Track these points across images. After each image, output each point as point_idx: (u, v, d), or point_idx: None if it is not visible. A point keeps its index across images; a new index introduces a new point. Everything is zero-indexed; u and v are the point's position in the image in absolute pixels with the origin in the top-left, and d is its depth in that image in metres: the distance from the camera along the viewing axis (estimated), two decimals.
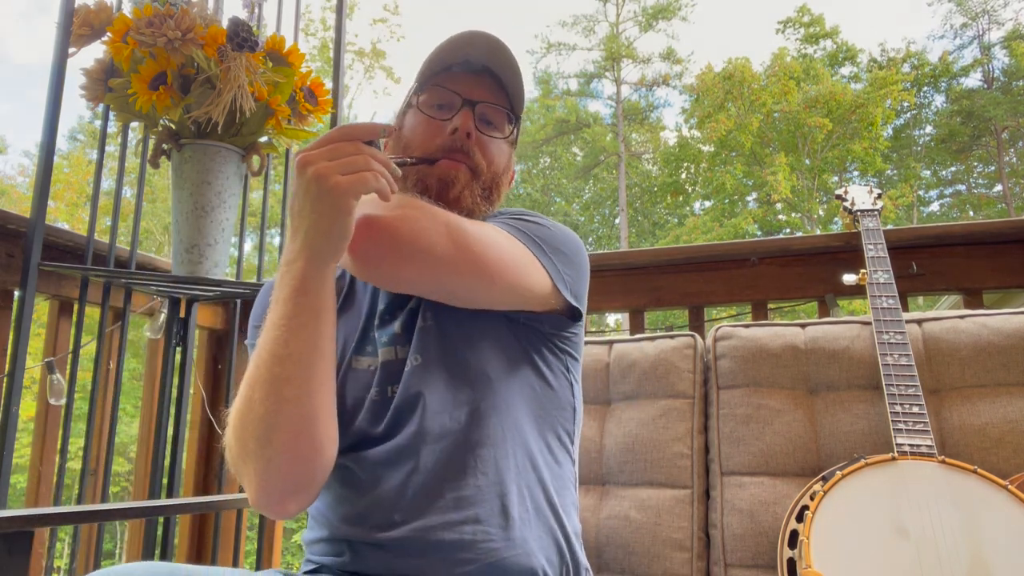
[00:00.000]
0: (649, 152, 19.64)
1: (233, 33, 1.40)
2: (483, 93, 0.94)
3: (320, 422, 0.77)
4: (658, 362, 1.38)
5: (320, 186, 0.70)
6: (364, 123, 0.74)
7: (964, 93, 17.04)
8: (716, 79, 17.28)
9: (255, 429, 0.74)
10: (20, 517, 0.93)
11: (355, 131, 0.73)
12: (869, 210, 1.51)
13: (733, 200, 17.62)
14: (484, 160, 0.92)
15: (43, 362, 1.57)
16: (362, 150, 0.72)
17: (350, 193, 0.70)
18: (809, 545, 0.99)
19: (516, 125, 0.99)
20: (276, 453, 0.74)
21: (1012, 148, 17.30)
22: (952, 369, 1.22)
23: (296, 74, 1.56)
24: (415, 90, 0.97)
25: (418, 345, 0.87)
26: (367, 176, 0.71)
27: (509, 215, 0.96)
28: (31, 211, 1.42)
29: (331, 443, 0.79)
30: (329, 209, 0.71)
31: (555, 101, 19.84)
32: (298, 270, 0.73)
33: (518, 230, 0.89)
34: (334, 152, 0.71)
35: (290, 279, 0.74)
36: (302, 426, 0.74)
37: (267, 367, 0.74)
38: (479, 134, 0.92)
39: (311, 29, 16.21)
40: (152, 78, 1.42)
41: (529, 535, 0.82)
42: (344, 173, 0.70)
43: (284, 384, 0.73)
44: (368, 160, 0.71)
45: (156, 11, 1.41)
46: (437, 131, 0.92)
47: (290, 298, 0.74)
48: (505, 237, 0.86)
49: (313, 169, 0.70)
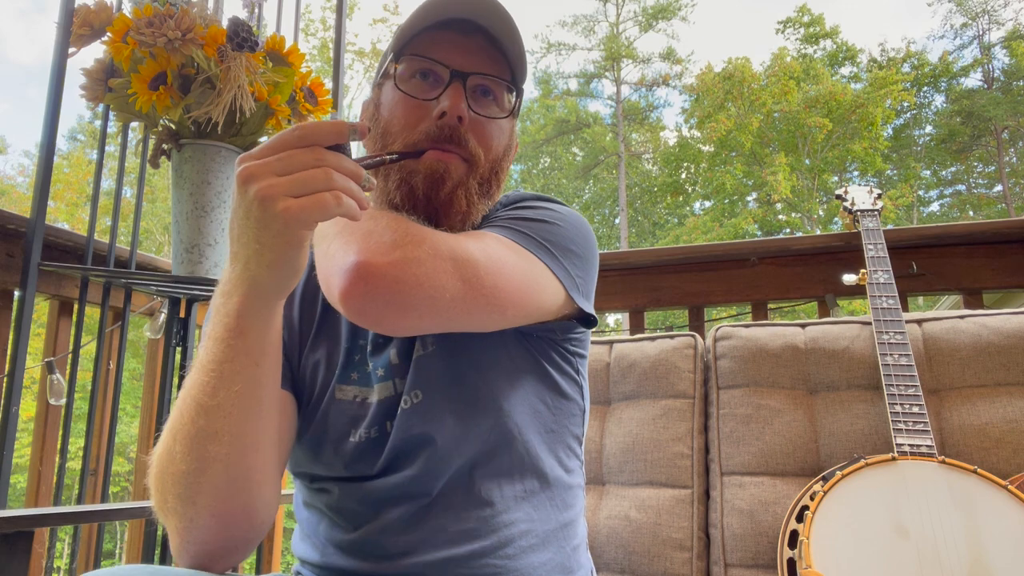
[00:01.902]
0: (649, 152, 19.64)
1: (233, 33, 1.40)
2: (477, 61, 0.77)
3: (253, 485, 0.65)
4: (658, 362, 1.38)
5: (265, 211, 0.55)
6: (327, 122, 0.58)
7: (964, 93, 17.04)
8: (716, 79, 17.28)
9: (175, 486, 0.63)
10: (20, 517, 0.93)
11: (314, 134, 0.57)
12: (869, 210, 1.51)
13: (733, 200, 17.62)
14: (481, 147, 0.77)
15: (43, 362, 1.57)
16: (323, 160, 0.56)
17: (302, 222, 0.56)
18: (809, 545, 0.99)
19: (518, 96, 0.82)
20: (199, 515, 0.64)
21: (1012, 148, 17.30)
22: (952, 369, 1.22)
23: (296, 74, 1.55)
24: (392, 57, 0.78)
25: (418, 379, 0.76)
26: (326, 199, 0.55)
27: (512, 208, 0.83)
28: (31, 211, 1.42)
29: (267, 507, 0.69)
30: (275, 240, 0.57)
31: (555, 101, 19.84)
32: (234, 307, 0.60)
33: (524, 235, 0.77)
34: (286, 163, 0.56)
35: (224, 316, 0.61)
36: (230, 490, 0.63)
37: (191, 419, 0.62)
38: (474, 114, 0.76)
39: (311, 29, 16.21)
40: (152, 78, 1.42)
41: (536, 560, 0.77)
42: (297, 194, 0.55)
43: (209, 440, 0.61)
44: (329, 176, 0.55)
45: (156, 11, 1.41)
46: (421, 114, 0.76)
47: (223, 339, 0.61)
48: (513, 252, 0.73)
49: (257, 188, 0.55)
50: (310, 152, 0.56)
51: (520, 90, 0.82)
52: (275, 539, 1.85)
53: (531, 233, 0.77)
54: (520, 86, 0.81)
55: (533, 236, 0.77)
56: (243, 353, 0.61)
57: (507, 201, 0.86)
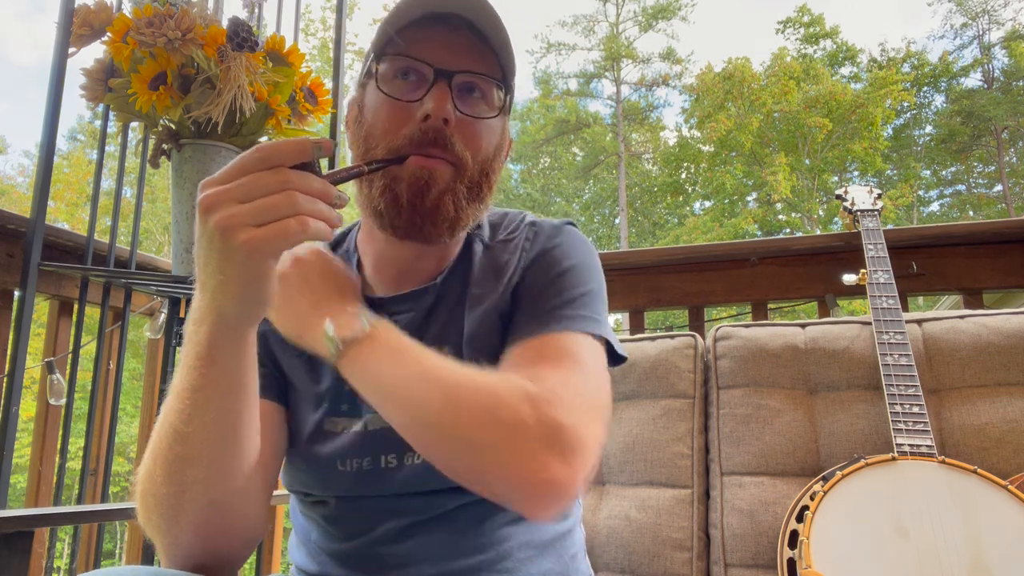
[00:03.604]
0: (649, 152, 19.65)
1: (233, 33, 1.40)
2: (463, 59, 0.72)
3: (236, 505, 0.66)
4: (658, 362, 1.38)
5: (226, 242, 0.53)
6: (289, 141, 0.55)
7: (964, 93, 17.05)
8: (716, 79, 17.29)
9: (158, 507, 0.63)
10: (20, 517, 0.93)
11: (276, 154, 0.54)
12: (869, 210, 1.51)
13: (733, 200, 17.63)
14: (469, 149, 0.72)
15: (43, 362, 1.57)
16: (287, 183, 0.54)
17: (266, 253, 0.54)
18: (809, 545, 0.99)
19: (509, 93, 0.78)
20: (183, 533, 0.64)
21: (1012, 148, 17.30)
22: (952, 369, 1.22)
23: (296, 74, 1.56)
24: (374, 56, 0.75)
25: None
26: (290, 227, 0.53)
27: (540, 268, 0.78)
28: (31, 211, 1.42)
29: (255, 523, 0.69)
30: (239, 272, 0.55)
31: (555, 101, 19.85)
32: (204, 336, 0.58)
33: (578, 319, 0.73)
34: (247, 189, 0.53)
35: (195, 344, 0.59)
36: (212, 511, 0.63)
37: (168, 445, 0.61)
38: (461, 115, 0.72)
39: (311, 29, 16.21)
40: (152, 78, 1.42)
41: (535, 571, 0.76)
42: (259, 223, 0.53)
43: (187, 466, 0.61)
44: (293, 200, 0.53)
45: (156, 11, 1.41)
46: (405, 116, 0.71)
47: (195, 367, 0.59)
48: (600, 362, 0.72)
49: (217, 218, 0.53)
50: (273, 175, 0.54)
51: (510, 86, 0.77)
52: (275, 540, 1.85)
53: (585, 315, 0.74)
54: (510, 82, 0.76)
55: (587, 317, 0.74)
56: (215, 382, 0.59)
57: (521, 240, 0.81)
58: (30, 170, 16.14)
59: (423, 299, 0.79)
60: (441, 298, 0.79)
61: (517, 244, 0.82)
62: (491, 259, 0.81)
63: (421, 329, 0.78)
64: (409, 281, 0.80)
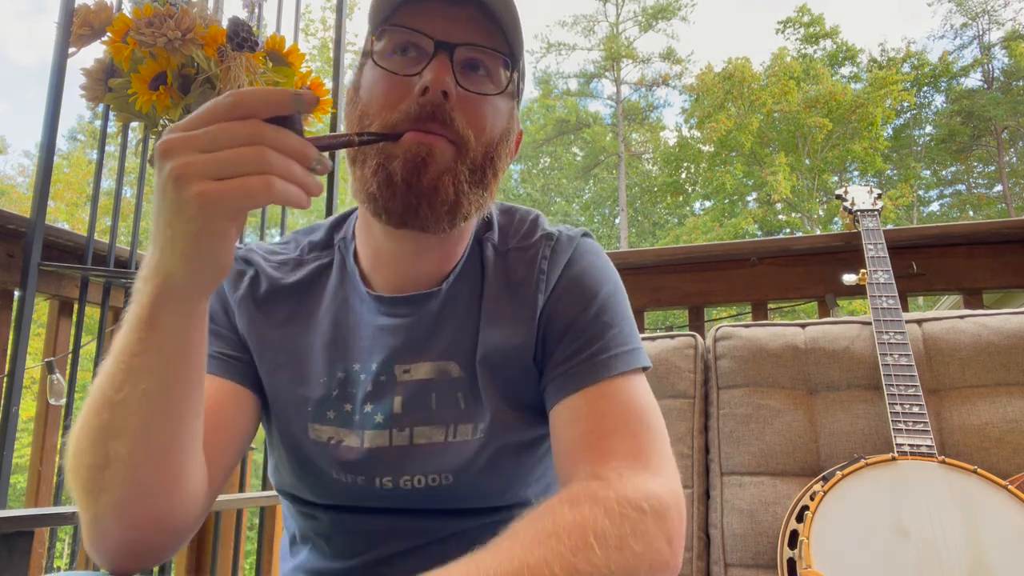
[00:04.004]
0: (649, 152, 19.65)
1: (233, 33, 1.40)
2: (466, 31, 0.66)
3: (163, 491, 0.58)
4: (658, 362, 1.38)
5: (179, 192, 0.47)
6: (266, 89, 0.49)
7: (964, 93, 17.05)
8: (716, 79, 17.29)
9: (79, 479, 0.57)
10: (20, 517, 0.93)
11: (249, 102, 0.48)
12: (869, 210, 1.51)
13: (733, 200, 17.63)
14: (472, 128, 0.66)
15: (43, 362, 1.57)
16: (259, 137, 0.47)
17: (221, 210, 0.48)
18: (809, 545, 0.99)
19: (517, 72, 0.71)
20: (102, 513, 0.57)
21: (1012, 148, 17.30)
22: (952, 369, 1.22)
23: (296, 74, 1.56)
24: (370, 31, 0.70)
25: (455, 462, 0.70)
26: (251, 184, 0.47)
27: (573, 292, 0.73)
28: (31, 211, 1.42)
29: (186, 516, 0.61)
30: (188, 228, 0.48)
31: (555, 101, 19.85)
32: (147, 297, 0.52)
33: (627, 357, 0.70)
34: (213, 137, 0.47)
35: (138, 304, 0.53)
36: (134, 493, 0.56)
37: (95, 411, 0.55)
38: (462, 90, 0.66)
39: (311, 29, 16.21)
40: (152, 78, 1.42)
41: None
42: (217, 176, 0.47)
43: (111, 437, 0.54)
44: (263, 154, 0.47)
45: (156, 11, 1.41)
46: (402, 91, 0.65)
47: (134, 329, 0.53)
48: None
49: (172, 165, 0.47)
50: (243, 125, 0.47)
51: (519, 66, 0.71)
52: (276, 540, 1.85)
53: (628, 346, 0.71)
54: (518, 61, 0.70)
55: (634, 350, 0.71)
56: (154, 348, 0.53)
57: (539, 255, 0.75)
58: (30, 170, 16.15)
59: (427, 305, 0.73)
60: (448, 305, 0.73)
61: (533, 259, 0.75)
62: (505, 270, 0.75)
63: (424, 340, 0.72)
64: (410, 281, 0.73)
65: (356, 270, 0.76)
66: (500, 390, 0.71)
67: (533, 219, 0.80)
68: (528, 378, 0.72)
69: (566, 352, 0.70)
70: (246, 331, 0.74)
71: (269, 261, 0.78)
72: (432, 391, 0.71)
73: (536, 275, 0.74)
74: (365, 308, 0.74)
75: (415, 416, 0.71)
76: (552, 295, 0.73)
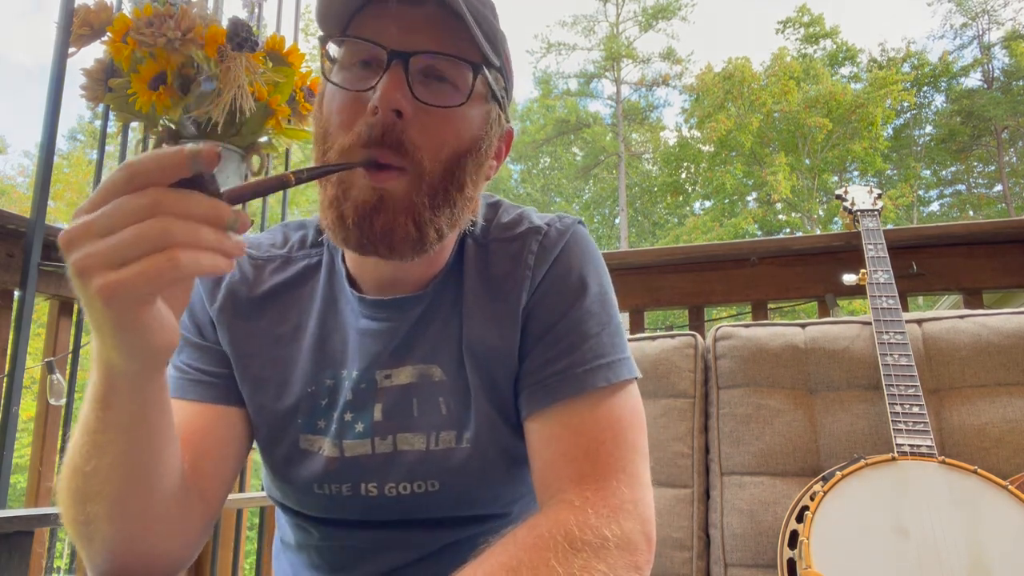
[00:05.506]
0: (649, 152, 19.66)
1: (233, 33, 1.40)
2: (423, 37, 0.60)
3: (150, 535, 0.59)
4: (658, 362, 1.38)
5: (85, 289, 0.43)
6: (160, 153, 0.42)
7: (964, 93, 17.06)
8: (716, 79, 17.30)
9: (69, 527, 0.58)
10: (20, 517, 0.93)
11: (144, 171, 0.42)
12: (869, 210, 1.51)
13: (733, 200, 17.64)
14: (429, 147, 0.60)
15: (43, 362, 1.57)
16: (159, 206, 0.42)
17: (127, 300, 0.43)
18: (809, 545, 0.99)
19: (495, 70, 0.64)
20: (94, 555, 0.59)
21: (1012, 148, 17.31)
22: (952, 369, 1.22)
23: (296, 74, 1.56)
24: (321, 40, 0.64)
25: (441, 470, 0.68)
26: (157, 265, 0.41)
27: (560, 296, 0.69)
28: (31, 211, 1.42)
29: (179, 548, 0.62)
30: (105, 323, 0.45)
31: (555, 101, 19.86)
32: (97, 380, 0.51)
33: (613, 367, 0.67)
34: (109, 219, 0.42)
35: (91, 384, 0.52)
36: (121, 539, 0.57)
37: (69, 476, 0.55)
38: (420, 104, 0.60)
39: (311, 29, 16.20)
40: (152, 78, 1.42)
41: None
42: (121, 262, 0.41)
43: (88, 500, 0.55)
44: (165, 226, 0.41)
45: (156, 11, 1.41)
46: (357, 109, 0.60)
47: (91, 407, 0.52)
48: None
49: (74, 260, 0.43)
50: (140, 197, 0.42)
51: (493, 66, 0.64)
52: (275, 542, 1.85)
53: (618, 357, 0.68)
54: (493, 61, 0.63)
55: (620, 360, 0.68)
56: (112, 426, 0.52)
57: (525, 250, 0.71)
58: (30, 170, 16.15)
59: (409, 311, 0.69)
60: (433, 307, 0.70)
61: (519, 253, 0.71)
62: (486, 263, 0.71)
63: (406, 344, 0.69)
64: (397, 284, 0.70)
65: (344, 270, 0.73)
66: (487, 393, 0.68)
67: (520, 211, 0.76)
68: (515, 380, 0.70)
69: (541, 359, 0.67)
70: (227, 346, 0.71)
71: (253, 259, 0.75)
72: (413, 396, 0.69)
73: (521, 270, 0.69)
74: (350, 310, 0.71)
75: (396, 423, 0.69)
76: (536, 293, 0.69)
